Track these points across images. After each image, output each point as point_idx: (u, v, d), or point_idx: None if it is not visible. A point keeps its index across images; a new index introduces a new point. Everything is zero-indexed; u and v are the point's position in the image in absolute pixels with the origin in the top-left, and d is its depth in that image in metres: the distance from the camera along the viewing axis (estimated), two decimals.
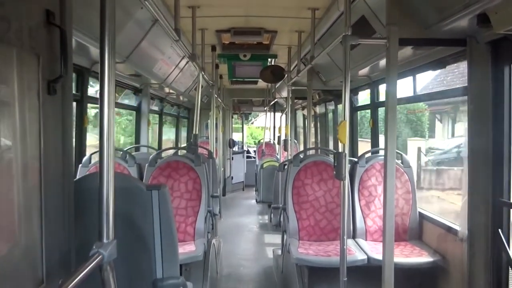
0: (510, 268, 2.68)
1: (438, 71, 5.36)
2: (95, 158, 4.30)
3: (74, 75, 4.12)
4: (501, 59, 2.68)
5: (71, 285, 1.22)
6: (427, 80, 7.56)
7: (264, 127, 12.15)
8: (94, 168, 4.15)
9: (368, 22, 3.33)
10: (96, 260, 1.39)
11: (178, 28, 3.29)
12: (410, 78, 3.96)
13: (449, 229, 3.44)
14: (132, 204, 1.98)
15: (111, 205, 1.49)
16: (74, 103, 4.15)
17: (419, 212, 4.08)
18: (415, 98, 4.10)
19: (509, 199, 2.78)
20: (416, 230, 4.04)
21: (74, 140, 4.24)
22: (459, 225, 3.23)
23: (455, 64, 3.27)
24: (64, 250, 1.55)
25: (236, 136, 13.83)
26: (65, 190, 1.57)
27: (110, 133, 1.50)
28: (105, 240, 1.47)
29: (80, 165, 4.24)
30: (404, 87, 4.10)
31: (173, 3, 3.36)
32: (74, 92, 4.12)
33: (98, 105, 1.51)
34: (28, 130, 1.35)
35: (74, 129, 4.20)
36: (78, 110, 4.18)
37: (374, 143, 5.11)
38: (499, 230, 2.74)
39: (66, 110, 1.57)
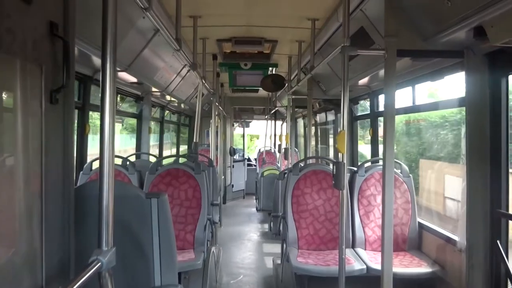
0: (509, 280, 2.68)
1: None
2: (96, 165, 4.32)
3: (76, 83, 4.16)
4: (498, 71, 2.71)
5: None
6: None
7: (257, 135, 12.14)
8: (95, 175, 4.17)
9: (367, 33, 3.37)
10: (95, 267, 1.41)
11: (179, 37, 3.33)
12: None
13: (448, 240, 3.44)
14: (131, 212, 1.99)
15: (110, 212, 1.51)
16: (76, 111, 4.18)
17: (419, 222, 4.08)
18: (413, 108, 4.12)
19: (508, 210, 2.79)
20: (416, 240, 4.04)
21: (75, 147, 4.27)
22: (458, 236, 3.23)
23: None
24: (64, 257, 1.56)
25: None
26: (66, 197, 1.59)
27: (110, 141, 1.52)
28: (104, 248, 1.48)
29: (81, 172, 4.26)
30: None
31: (175, 13, 3.41)
32: (76, 100, 4.16)
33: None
34: (30, 138, 1.38)
35: (75, 137, 4.23)
36: (80, 118, 4.21)
37: (374, 152, 5.13)
38: (498, 241, 2.75)
39: (67, 119, 1.59)
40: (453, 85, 3.49)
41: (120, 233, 1.73)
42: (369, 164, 4.48)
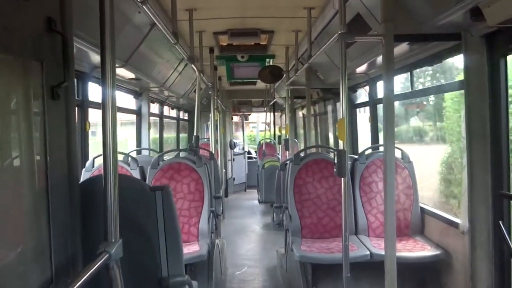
0: None
1: None
2: (98, 162, 4.34)
3: (74, 80, 4.15)
4: (496, 52, 2.71)
5: (78, 284, 1.25)
6: None
7: (259, 125, 12.15)
8: (98, 172, 4.18)
9: (364, 19, 3.35)
10: (103, 259, 1.43)
11: (175, 31, 3.32)
12: None
13: (450, 223, 3.47)
14: (136, 205, 2.01)
15: (116, 205, 1.53)
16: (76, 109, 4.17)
17: (421, 207, 4.10)
18: (412, 94, 4.13)
19: (509, 191, 2.81)
20: (418, 224, 4.07)
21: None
22: (461, 218, 3.26)
23: None
24: (72, 251, 1.58)
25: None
26: (71, 192, 1.60)
27: (113, 136, 1.54)
28: (111, 240, 1.50)
29: (84, 169, 4.28)
30: None
31: (170, 7, 3.40)
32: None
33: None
34: (34, 135, 1.39)
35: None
36: (80, 115, 4.22)
37: (374, 139, 5.14)
38: (500, 222, 2.77)
39: (69, 115, 1.60)
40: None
41: (126, 226, 1.74)
42: (370, 151, 4.49)
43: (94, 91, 4.36)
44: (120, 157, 4.67)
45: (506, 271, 2.80)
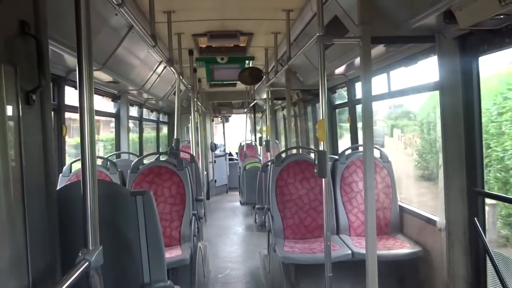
0: (487, 255, 2.79)
1: None
2: (76, 167, 4.26)
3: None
4: (469, 53, 2.79)
5: None
6: None
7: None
8: (75, 177, 4.10)
9: (341, 21, 3.40)
10: (83, 267, 1.40)
11: (154, 33, 3.29)
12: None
13: (428, 221, 3.54)
14: (117, 210, 1.98)
15: (95, 212, 1.50)
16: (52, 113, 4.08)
17: (400, 206, 4.18)
18: (390, 95, 4.20)
19: (483, 188, 2.89)
20: (398, 223, 4.14)
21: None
22: (438, 216, 3.33)
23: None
24: (50, 259, 1.55)
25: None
26: (48, 199, 1.57)
27: (91, 141, 1.52)
28: (90, 247, 1.48)
29: (61, 174, 4.19)
30: None
31: (148, 9, 3.37)
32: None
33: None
34: (8, 141, 1.35)
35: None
36: (56, 120, 4.13)
37: (354, 140, 5.21)
38: (475, 218, 2.85)
39: (45, 120, 1.57)
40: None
41: (107, 232, 1.72)
42: (350, 151, 4.55)
43: (71, 95, 4.28)
44: (98, 162, 4.60)
45: (481, 267, 2.88)
